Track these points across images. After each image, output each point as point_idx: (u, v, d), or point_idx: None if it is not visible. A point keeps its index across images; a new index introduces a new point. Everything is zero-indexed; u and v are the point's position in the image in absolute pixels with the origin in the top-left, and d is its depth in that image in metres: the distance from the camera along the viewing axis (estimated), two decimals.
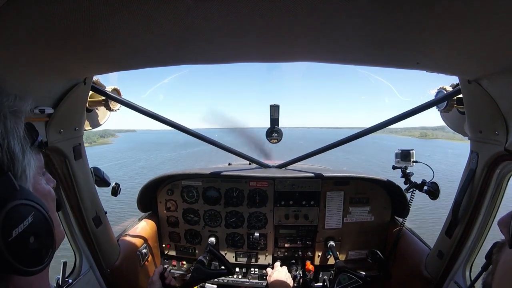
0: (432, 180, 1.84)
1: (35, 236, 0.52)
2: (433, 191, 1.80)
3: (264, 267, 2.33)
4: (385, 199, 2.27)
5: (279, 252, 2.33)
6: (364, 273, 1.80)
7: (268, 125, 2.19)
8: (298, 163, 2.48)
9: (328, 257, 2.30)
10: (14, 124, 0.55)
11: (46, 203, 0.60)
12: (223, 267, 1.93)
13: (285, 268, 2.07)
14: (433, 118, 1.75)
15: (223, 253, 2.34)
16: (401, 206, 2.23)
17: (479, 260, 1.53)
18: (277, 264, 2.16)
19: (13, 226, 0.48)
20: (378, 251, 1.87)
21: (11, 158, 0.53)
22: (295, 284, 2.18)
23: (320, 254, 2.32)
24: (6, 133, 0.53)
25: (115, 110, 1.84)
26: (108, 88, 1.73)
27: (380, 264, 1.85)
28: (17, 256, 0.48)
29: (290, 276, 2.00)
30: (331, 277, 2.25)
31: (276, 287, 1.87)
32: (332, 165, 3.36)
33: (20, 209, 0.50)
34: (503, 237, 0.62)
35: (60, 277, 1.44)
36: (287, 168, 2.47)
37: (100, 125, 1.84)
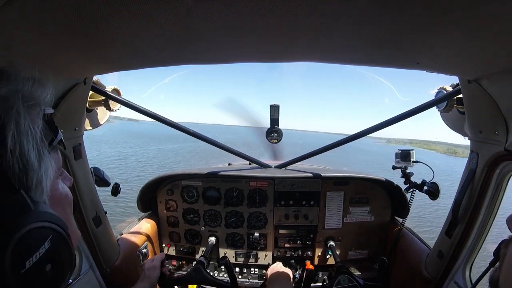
0: (432, 180, 1.84)
1: (52, 263, 0.44)
2: (433, 191, 1.80)
3: (264, 267, 2.33)
4: (385, 199, 2.27)
5: (279, 252, 2.33)
6: (363, 280, 1.79)
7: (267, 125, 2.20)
8: (298, 163, 2.48)
9: (328, 257, 2.30)
10: (29, 123, 0.45)
11: (63, 212, 0.53)
12: (224, 278, 1.89)
13: (279, 263, 2.07)
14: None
15: (223, 252, 2.34)
16: (401, 206, 2.23)
17: (479, 260, 1.54)
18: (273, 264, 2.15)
19: (27, 256, 0.41)
20: (386, 259, 1.83)
21: (24, 168, 0.43)
22: (294, 285, 2.18)
23: (320, 254, 2.32)
24: (19, 134, 0.43)
25: (115, 110, 1.84)
26: (108, 88, 1.73)
27: (383, 273, 1.82)
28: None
29: (286, 268, 1.99)
30: (331, 276, 2.25)
31: (273, 281, 1.86)
32: (332, 165, 3.36)
33: (35, 235, 0.42)
34: (502, 237, 0.64)
35: None
36: (287, 168, 2.47)
37: (100, 125, 1.84)
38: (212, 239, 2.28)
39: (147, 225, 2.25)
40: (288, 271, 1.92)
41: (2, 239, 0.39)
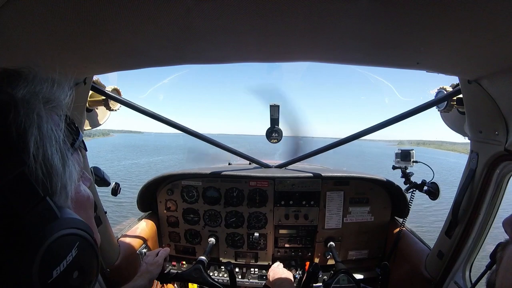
0: (432, 180, 1.84)
1: (79, 270, 0.43)
2: (433, 191, 1.80)
3: (264, 267, 2.33)
4: (385, 199, 2.27)
5: (279, 252, 2.33)
6: (364, 279, 1.77)
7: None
8: (298, 163, 2.48)
9: (328, 257, 2.30)
10: (51, 125, 0.44)
11: (86, 215, 0.52)
12: (224, 279, 1.88)
13: (280, 264, 2.07)
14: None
15: (223, 252, 2.34)
16: (401, 206, 2.23)
17: (479, 260, 1.54)
18: (273, 265, 2.15)
19: (54, 266, 0.40)
20: (388, 264, 1.82)
21: (48, 173, 0.42)
22: (295, 284, 2.18)
23: (320, 254, 2.32)
24: (42, 139, 0.41)
25: (115, 110, 1.84)
26: (108, 88, 1.73)
27: (384, 278, 1.82)
28: None
29: (286, 270, 1.99)
30: (330, 276, 2.25)
31: (277, 286, 1.85)
32: (332, 165, 3.35)
33: (62, 243, 0.41)
34: (501, 237, 0.64)
35: None
36: (287, 168, 2.47)
37: (100, 124, 1.84)
38: (212, 239, 2.28)
39: (147, 225, 2.25)
40: (289, 273, 1.92)
41: (30, 250, 0.38)
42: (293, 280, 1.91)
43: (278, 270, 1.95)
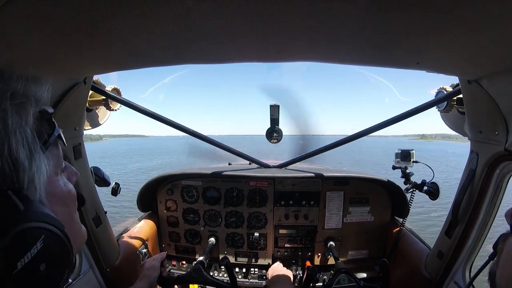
0: (432, 180, 1.84)
1: (46, 263, 0.45)
2: (433, 191, 1.80)
3: (264, 267, 2.33)
4: (385, 199, 2.27)
5: (279, 252, 2.34)
6: (364, 279, 1.77)
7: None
8: (298, 163, 2.48)
9: (328, 257, 2.31)
10: (18, 120, 0.44)
11: (66, 209, 0.53)
12: (224, 279, 1.90)
13: (280, 264, 2.07)
14: None
15: (223, 252, 2.34)
16: (401, 206, 2.23)
17: (479, 260, 1.53)
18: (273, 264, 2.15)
19: (18, 257, 0.41)
20: (387, 261, 1.83)
21: (14, 167, 0.43)
22: (296, 284, 2.18)
23: (320, 254, 2.32)
24: (7, 133, 0.42)
25: (115, 110, 1.84)
26: (108, 88, 1.73)
27: (384, 274, 1.82)
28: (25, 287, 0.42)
29: (286, 269, 1.99)
30: (330, 276, 2.25)
31: (275, 282, 1.85)
32: (332, 165, 3.35)
33: (26, 235, 0.42)
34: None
35: None
36: (287, 168, 2.47)
37: (100, 124, 1.84)
38: (212, 239, 2.28)
39: (147, 225, 2.25)
40: (289, 272, 1.92)
41: None
42: (292, 279, 1.91)
43: (277, 269, 1.95)
